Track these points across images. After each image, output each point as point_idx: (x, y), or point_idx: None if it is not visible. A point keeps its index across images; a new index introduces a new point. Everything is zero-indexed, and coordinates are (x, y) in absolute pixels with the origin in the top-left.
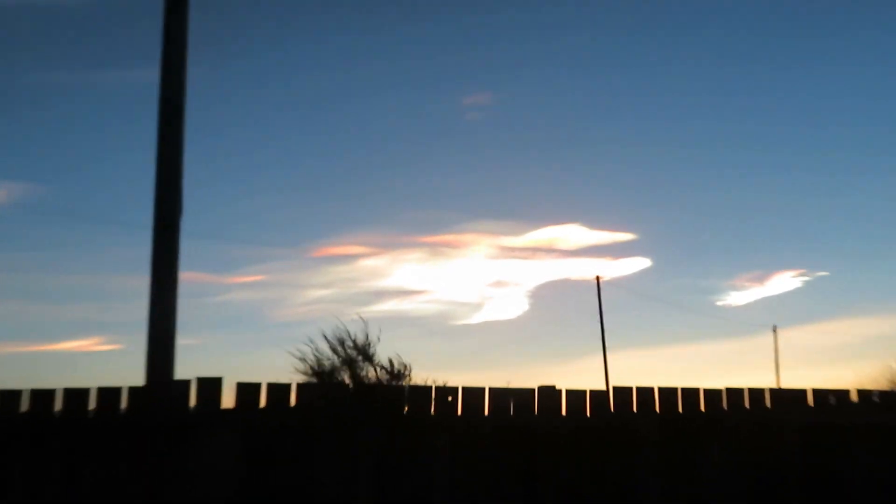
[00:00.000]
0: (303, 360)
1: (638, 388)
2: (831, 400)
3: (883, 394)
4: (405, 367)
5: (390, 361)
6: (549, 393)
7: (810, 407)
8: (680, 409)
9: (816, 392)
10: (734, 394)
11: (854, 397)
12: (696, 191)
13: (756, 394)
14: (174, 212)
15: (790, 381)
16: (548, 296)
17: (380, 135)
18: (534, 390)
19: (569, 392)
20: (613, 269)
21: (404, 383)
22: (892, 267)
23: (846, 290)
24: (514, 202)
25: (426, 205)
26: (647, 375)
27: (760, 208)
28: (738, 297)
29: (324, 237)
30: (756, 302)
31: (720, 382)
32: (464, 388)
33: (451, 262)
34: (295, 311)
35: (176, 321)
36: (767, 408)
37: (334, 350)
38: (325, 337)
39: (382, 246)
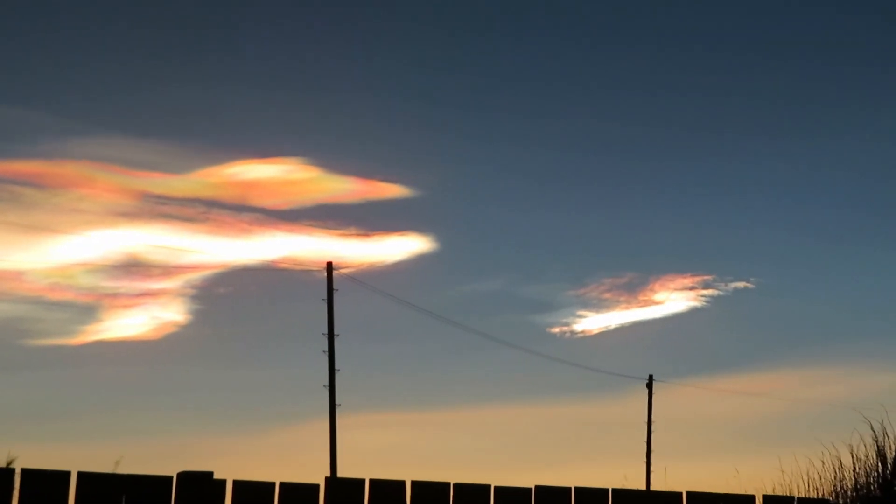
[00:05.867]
0: None
1: (376, 483)
2: None
3: None
4: None
5: None
6: (200, 484)
7: None
8: None
9: (695, 498)
10: (550, 497)
11: None
12: (522, 127)
13: (588, 496)
14: None
15: (668, 476)
16: (232, 296)
17: None
18: (171, 479)
19: (240, 485)
20: (361, 251)
21: None
22: (863, 281)
23: (784, 315)
24: (169, 103)
25: None
26: (412, 456)
27: (632, 164)
28: (589, 320)
29: None
30: (619, 330)
31: (535, 476)
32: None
33: (34, 219)
34: None
35: None
36: None
37: None
38: None
39: None
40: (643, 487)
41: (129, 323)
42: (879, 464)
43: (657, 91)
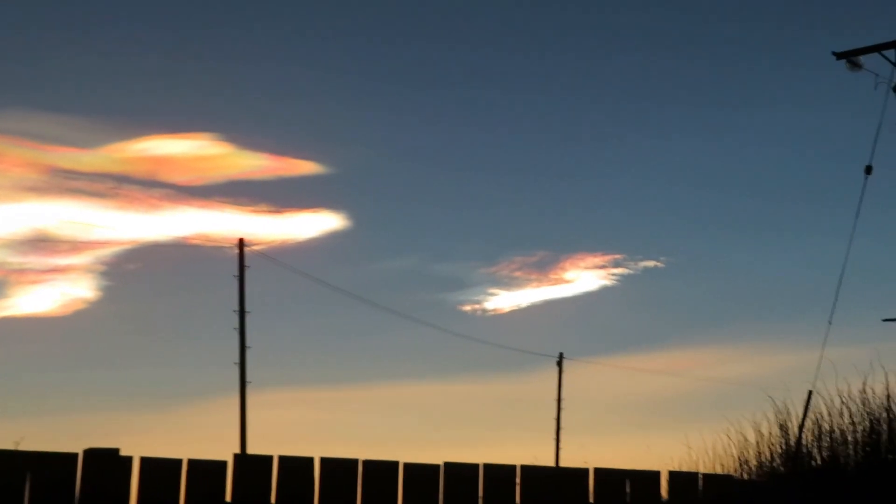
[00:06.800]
0: None
1: (285, 460)
2: (626, 489)
3: (711, 481)
4: None
5: None
6: (106, 461)
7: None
8: (359, 500)
9: (602, 474)
10: (458, 474)
11: (664, 487)
12: (435, 105)
13: (496, 473)
14: None
15: (574, 453)
16: (142, 272)
17: None
18: (76, 456)
19: (147, 462)
20: (273, 228)
21: None
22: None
23: (694, 294)
24: (79, 77)
25: None
26: (322, 433)
27: (544, 144)
28: (500, 298)
29: None
30: (530, 308)
31: (446, 453)
32: None
33: None
34: None
35: None
36: (515, 503)
37: None
38: None
39: None
40: (553, 464)
41: (38, 299)
42: (783, 440)
43: (568, 72)
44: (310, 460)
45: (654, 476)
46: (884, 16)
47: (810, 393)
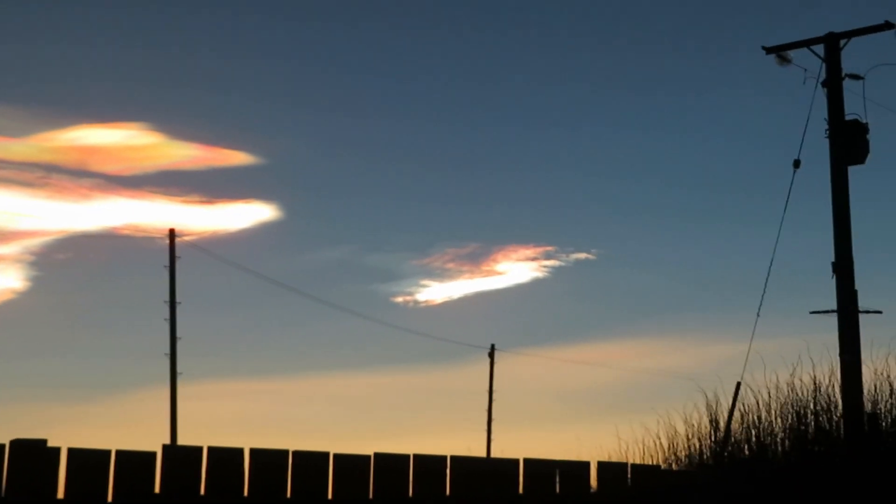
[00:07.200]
0: None
1: (214, 451)
2: (555, 480)
3: (640, 472)
4: None
5: None
6: (33, 453)
7: (518, 494)
8: (289, 492)
9: (532, 465)
10: (389, 465)
11: (593, 478)
12: (366, 97)
13: (426, 464)
14: None
15: (506, 444)
16: (72, 262)
17: None
18: (2, 448)
19: (75, 453)
20: (204, 218)
21: None
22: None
23: (624, 286)
24: (7, 65)
25: None
26: (254, 424)
27: (474, 136)
28: (432, 289)
29: None
30: (463, 299)
31: (378, 444)
32: None
33: None
34: None
35: None
36: (445, 494)
37: None
38: None
39: None
40: (484, 455)
41: None
42: (712, 431)
43: (499, 65)
44: (240, 451)
45: (583, 467)
46: (813, 11)
47: (738, 385)
